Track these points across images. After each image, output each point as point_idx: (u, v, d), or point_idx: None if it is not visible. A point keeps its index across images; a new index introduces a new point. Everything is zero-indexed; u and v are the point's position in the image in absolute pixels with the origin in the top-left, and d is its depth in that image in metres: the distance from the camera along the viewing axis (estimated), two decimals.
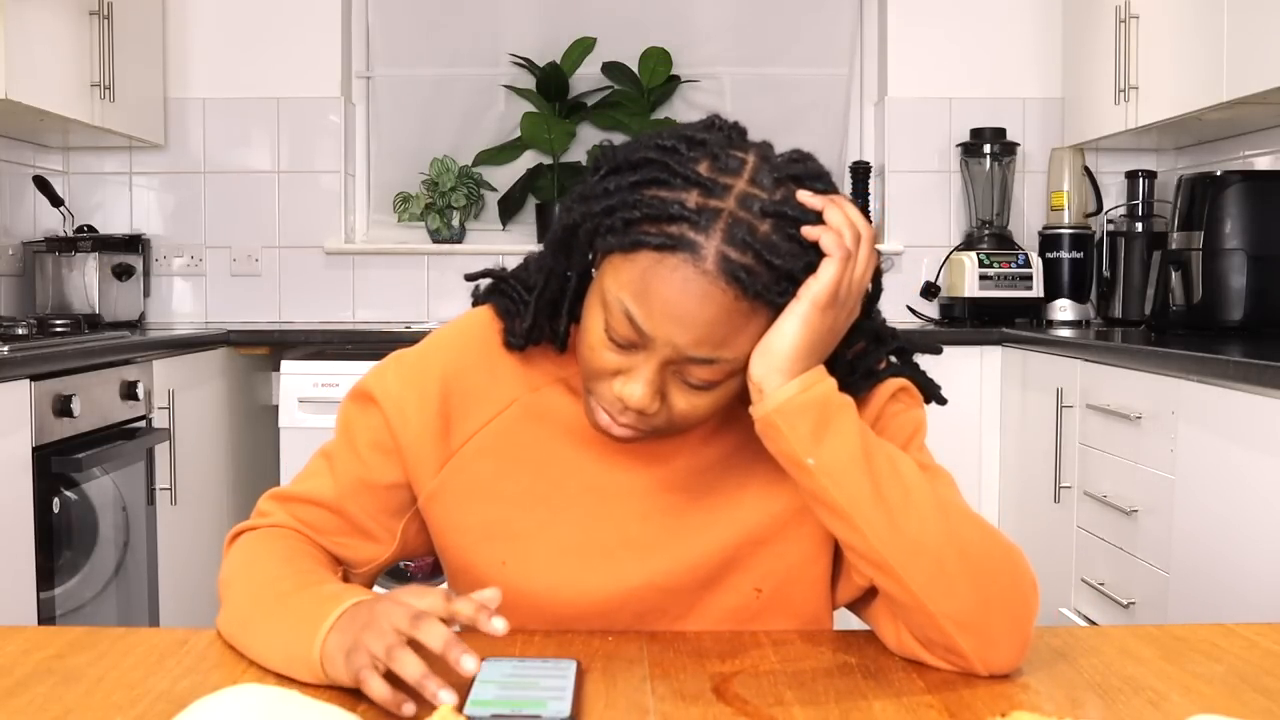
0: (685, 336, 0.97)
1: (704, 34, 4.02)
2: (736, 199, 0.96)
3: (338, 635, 0.93)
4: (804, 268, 0.97)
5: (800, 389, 0.97)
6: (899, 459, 1.00)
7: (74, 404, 2.47)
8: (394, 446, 1.13)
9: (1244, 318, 2.94)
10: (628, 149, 1.01)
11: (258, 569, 1.09)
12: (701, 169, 0.97)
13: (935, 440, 1.16)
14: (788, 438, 0.98)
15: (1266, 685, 0.97)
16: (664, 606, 1.12)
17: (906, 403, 1.14)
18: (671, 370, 1.00)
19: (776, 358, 0.97)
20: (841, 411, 0.99)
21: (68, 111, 3.17)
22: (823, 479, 0.97)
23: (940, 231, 3.94)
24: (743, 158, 0.99)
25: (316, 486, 1.15)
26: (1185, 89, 2.99)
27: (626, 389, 1.01)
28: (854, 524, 0.98)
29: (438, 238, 3.95)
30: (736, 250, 0.95)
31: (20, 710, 0.90)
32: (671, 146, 0.99)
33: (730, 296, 0.95)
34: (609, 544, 1.11)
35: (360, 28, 4.06)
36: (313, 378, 3.18)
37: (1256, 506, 2.10)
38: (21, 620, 2.31)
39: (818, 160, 1.04)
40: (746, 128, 1.04)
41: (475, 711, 0.87)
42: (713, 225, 0.95)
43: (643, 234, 0.96)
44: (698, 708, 0.92)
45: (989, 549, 1.00)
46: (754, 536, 1.11)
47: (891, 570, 0.98)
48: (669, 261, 0.95)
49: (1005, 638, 0.98)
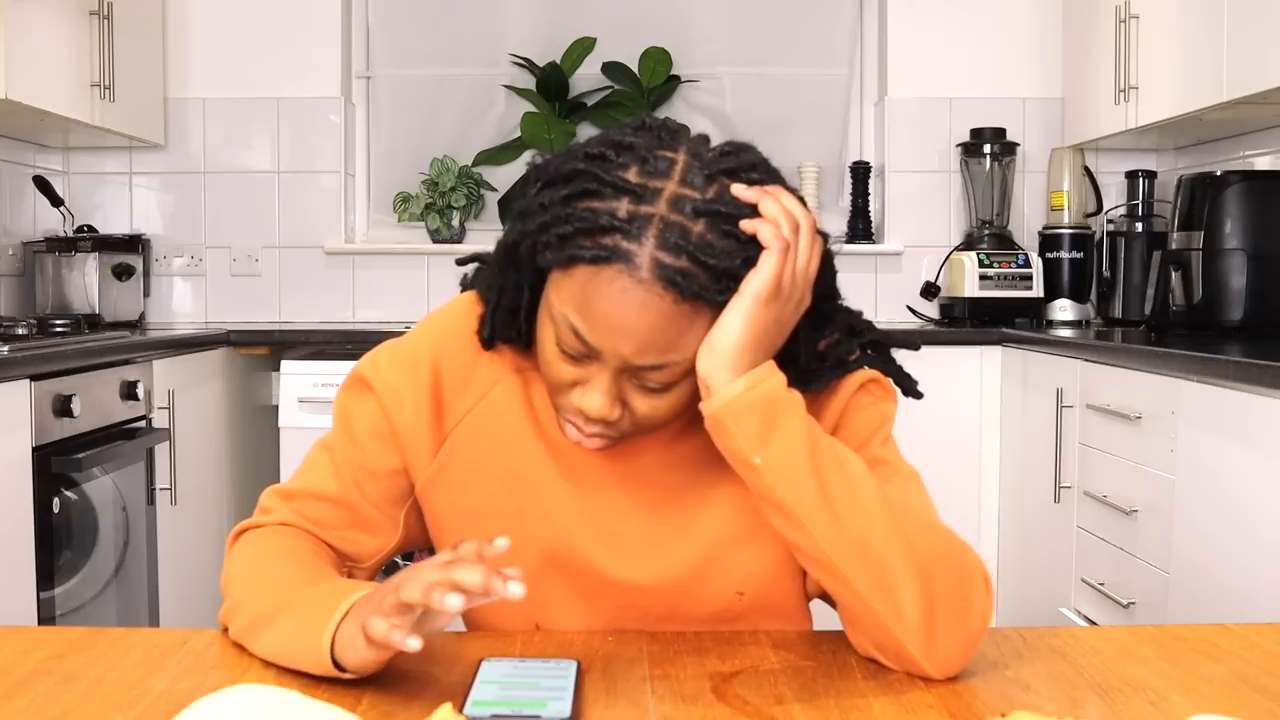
0: (630, 346, 0.97)
1: (704, 34, 4.02)
2: (667, 202, 0.95)
3: (353, 623, 0.93)
4: (743, 263, 0.96)
5: (747, 386, 0.97)
6: (847, 458, 1.00)
7: (74, 404, 2.47)
8: (391, 432, 1.13)
9: (1244, 318, 2.94)
10: (559, 160, 1.00)
11: (264, 567, 1.09)
12: (630, 175, 0.96)
13: (935, 440, 1.16)
14: (735, 436, 0.97)
15: (1266, 685, 0.97)
16: (645, 606, 1.12)
17: (876, 394, 1.13)
18: (627, 376, 1.00)
19: (721, 354, 0.96)
20: (789, 409, 0.98)
21: (68, 111, 3.17)
22: (769, 477, 0.97)
23: (940, 231, 3.94)
24: (672, 158, 0.97)
25: (318, 480, 1.16)
26: (1185, 89, 2.99)
27: (585, 400, 1.01)
28: (799, 523, 0.97)
29: (438, 238, 3.95)
30: (671, 255, 0.94)
31: (20, 710, 0.90)
32: (599, 154, 0.97)
33: (669, 301, 0.95)
34: (589, 534, 1.12)
35: (360, 28, 4.06)
36: (313, 378, 3.18)
37: (1256, 506, 2.10)
38: (21, 620, 2.31)
39: (754, 149, 1.02)
40: (680, 125, 1.03)
41: (475, 711, 0.87)
42: (645, 232, 0.94)
43: (578, 248, 0.95)
44: (698, 708, 0.92)
45: (934, 550, 0.99)
46: (730, 535, 1.11)
47: (837, 571, 0.98)
48: (605, 274, 0.95)
49: (949, 638, 0.98)
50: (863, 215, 3.93)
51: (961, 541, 1.02)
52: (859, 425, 1.10)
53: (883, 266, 3.95)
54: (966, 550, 1.01)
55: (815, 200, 3.90)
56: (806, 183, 3.88)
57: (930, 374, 1.15)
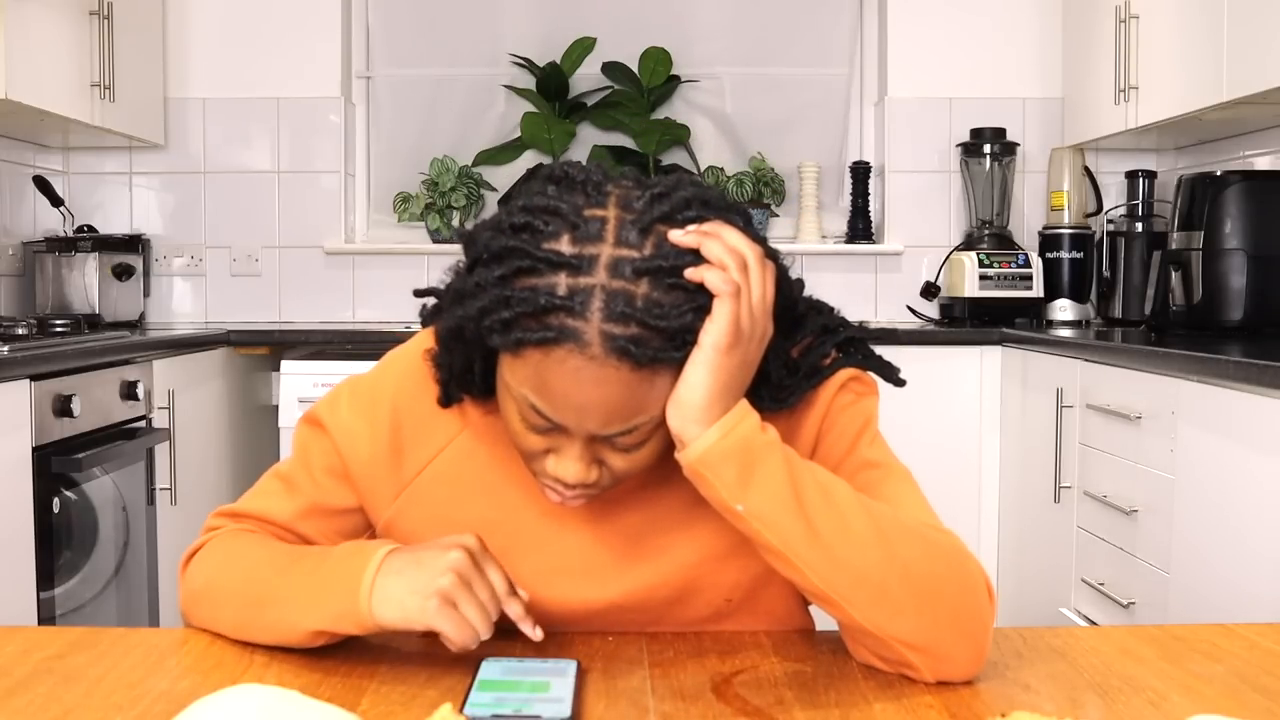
0: (594, 421, 0.95)
1: (704, 34, 4.02)
2: (605, 269, 0.90)
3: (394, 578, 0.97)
4: (695, 313, 0.91)
5: (720, 435, 0.94)
6: (834, 488, 0.97)
7: (74, 404, 2.47)
8: (345, 473, 1.12)
9: (1244, 318, 2.94)
10: (489, 234, 0.94)
11: (242, 558, 1.09)
12: (562, 246, 0.91)
13: (935, 440, 1.16)
14: (714, 486, 0.95)
15: (1266, 685, 0.97)
16: (635, 620, 1.11)
17: (857, 392, 1.10)
18: (599, 440, 0.98)
19: (691, 409, 0.93)
20: (766, 452, 0.95)
21: (68, 111, 3.17)
22: (755, 523, 0.95)
23: (940, 231, 3.94)
24: (602, 215, 0.92)
25: (270, 505, 1.14)
26: (1185, 89, 2.99)
27: (560, 469, 0.99)
28: (791, 563, 0.95)
29: (438, 238, 3.95)
30: (619, 325, 0.90)
31: (20, 710, 0.90)
32: (525, 224, 0.92)
33: (625, 371, 0.91)
34: (570, 568, 1.10)
35: (360, 28, 4.06)
36: (313, 378, 3.18)
37: (1256, 506, 2.10)
38: (21, 620, 2.31)
39: (685, 181, 0.97)
40: (601, 169, 0.97)
41: (475, 711, 0.87)
42: (588, 306, 0.90)
43: (523, 331, 0.91)
44: (698, 708, 0.92)
45: (933, 567, 0.97)
46: (716, 551, 1.09)
47: (835, 603, 0.96)
48: (556, 354, 0.91)
49: (958, 652, 0.97)
50: (863, 215, 3.93)
51: (961, 550, 1.00)
52: (844, 427, 1.09)
53: (883, 266, 3.95)
54: (965, 559, 1.00)
55: (815, 200, 3.90)
56: (806, 183, 3.88)
57: (930, 374, 1.14)
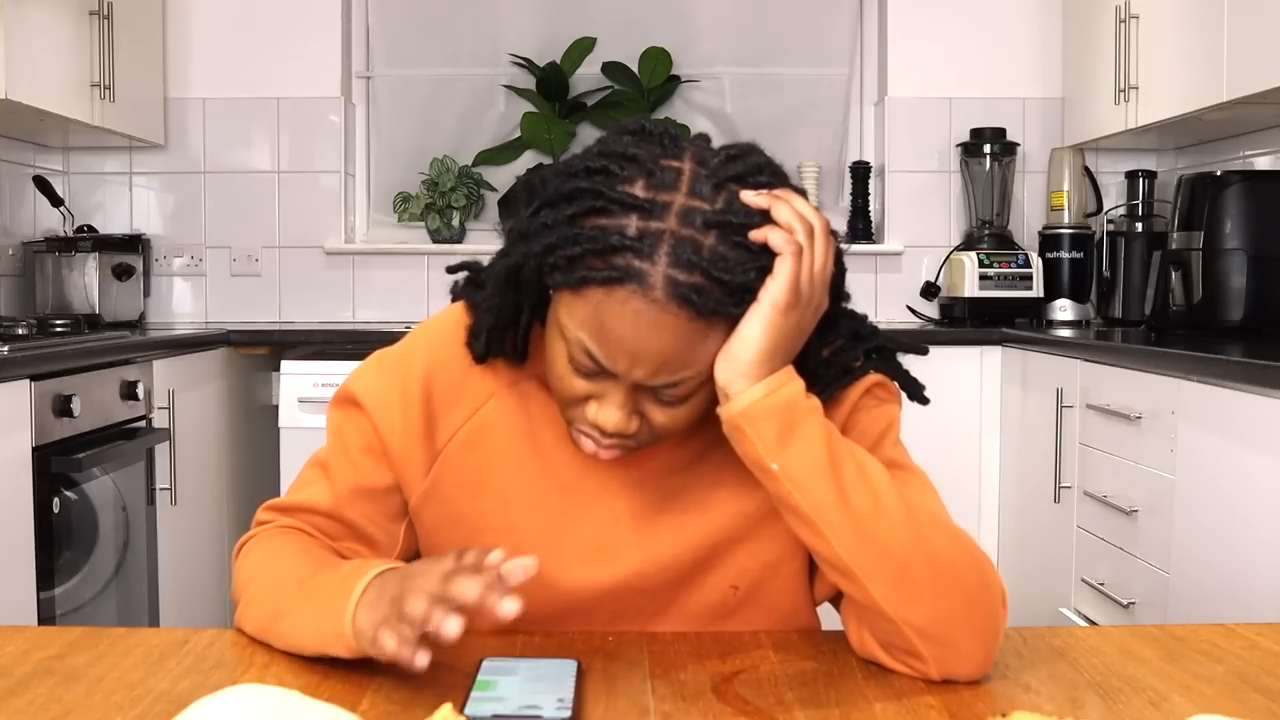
0: (645, 368, 0.96)
1: (704, 34, 4.02)
2: (677, 216, 0.93)
3: (366, 610, 0.93)
4: (757, 273, 0.94)
5: (766, 392, 0.95)
6: (868, 464, 0.98)
7: (74, 404, 2.47)
8: (383, 450, 1.12)
9: (1244, 318, 2.94)
10: (559, 179, 0.97)
11: (273, 564, 1.09)
12: (637, 189, 0.94)
13: (935, 440, 1.16)
14: (753, 441, 0.96)
15: (1266, 685, 0.97)
16: (640, 604, 1.12)
17: (881, 397, 1.12)
18: (643, 390, 0.99)
19: (740, 363, 0.95)
20: (808, 416, 0.97)
21: (68, 111, 3.17)
22: (787, 484, 0.96)
23: (940, 231, 3.94)
24: (678, 167, 0.95)
25: (313, 495, 1.15)
26: (1185, 89, 2.99)
27: (601, 415, 1.00)
28: (818, 530, 0.96)
29: (438, 238, 3.95)
30: (684, 272, 0.92)
31: (20, 710, 0.90)
32: (601, 168, 0.95)
33: (684, 319, 0.93)
34: (582, 544, 1.11)
35: (360, 28, 4.06)
36: (313, 378, 3.18)
37: (1256, 506, 2.10)
38: (21, 620, 2.30)
39: (759, 150, 1.01)
40: (680, 128, 1.02)
41: (475, 711, 0.87)
42: (657, 249, 0.92)
43: (588, 269, 0.93)
44: (698, 708, 0.92)
45: (957, 558, 0.98)
46: (728, 535, 1.10)
47: (855, 577, 0.97)
48: (618, 294, 0.93)
49: (968, 647, 0.97)
50: (863, 215, 3.93)
51: (982, 554, 1.01)
52: (866, 427, 1.09)
53: (883, 266, 3.95)
54: (987, 562, 1.01)
55: (816, 200, 3.90)
56: (807, 183, 3.88)
57: (930, 374, 1.14)
